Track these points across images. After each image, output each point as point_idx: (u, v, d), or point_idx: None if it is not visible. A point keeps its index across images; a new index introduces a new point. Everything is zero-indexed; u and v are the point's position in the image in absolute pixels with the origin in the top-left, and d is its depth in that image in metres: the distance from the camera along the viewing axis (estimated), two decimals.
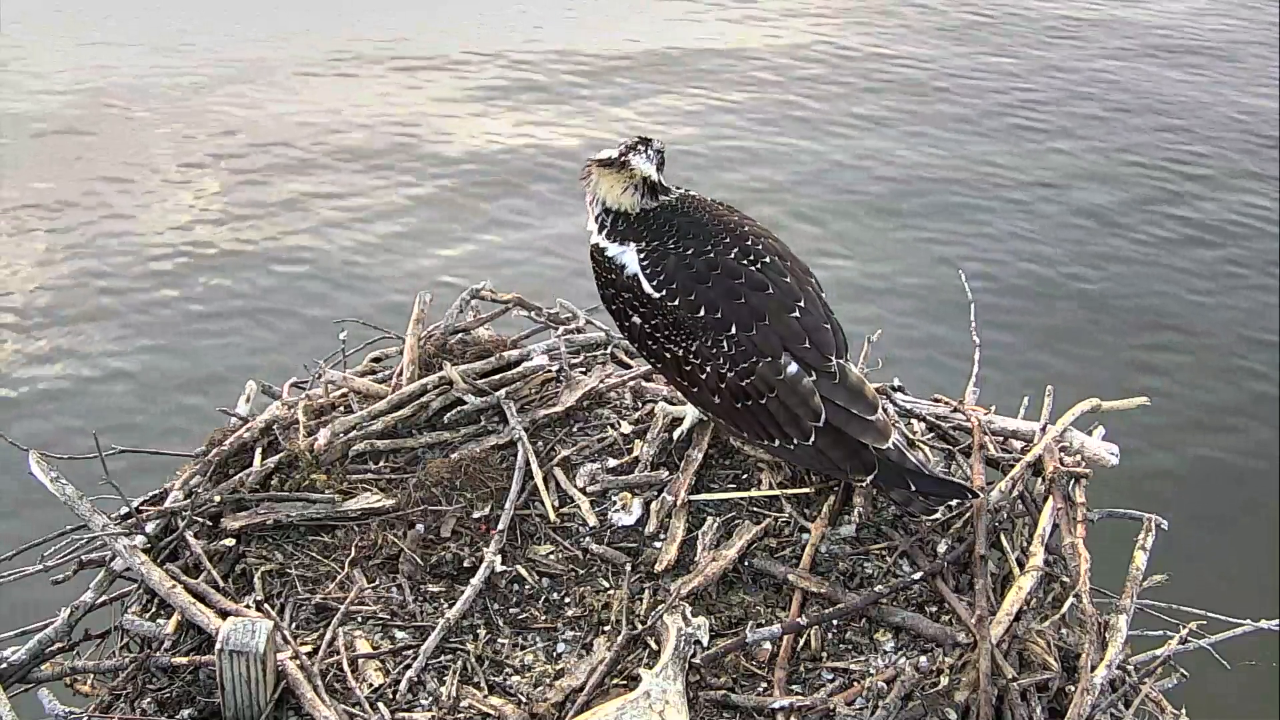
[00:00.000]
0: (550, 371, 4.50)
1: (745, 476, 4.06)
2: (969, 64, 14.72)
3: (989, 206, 10.99)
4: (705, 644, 3.44)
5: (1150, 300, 9.56)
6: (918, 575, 3.62)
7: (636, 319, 3.80)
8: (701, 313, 3.68)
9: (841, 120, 12.89)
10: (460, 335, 4.72)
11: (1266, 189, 11.38)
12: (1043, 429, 4.18)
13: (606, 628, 3.57)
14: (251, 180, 11.32)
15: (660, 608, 3.53)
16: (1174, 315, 9.36)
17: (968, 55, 15.07)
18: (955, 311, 6.43)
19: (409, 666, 3.40)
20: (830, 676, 3.42)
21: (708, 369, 3.70)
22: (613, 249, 3.83)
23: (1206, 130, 12.71)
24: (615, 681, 3.36)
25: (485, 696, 3.33)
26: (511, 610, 3.66)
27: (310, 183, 11.28)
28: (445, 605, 3.63)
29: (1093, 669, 3.33)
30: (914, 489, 3.70)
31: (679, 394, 3.99)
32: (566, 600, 3.69)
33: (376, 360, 4.79)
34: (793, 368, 3.66)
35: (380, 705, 3.29)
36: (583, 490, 4.01)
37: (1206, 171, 11.72)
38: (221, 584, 3.65)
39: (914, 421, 4.36)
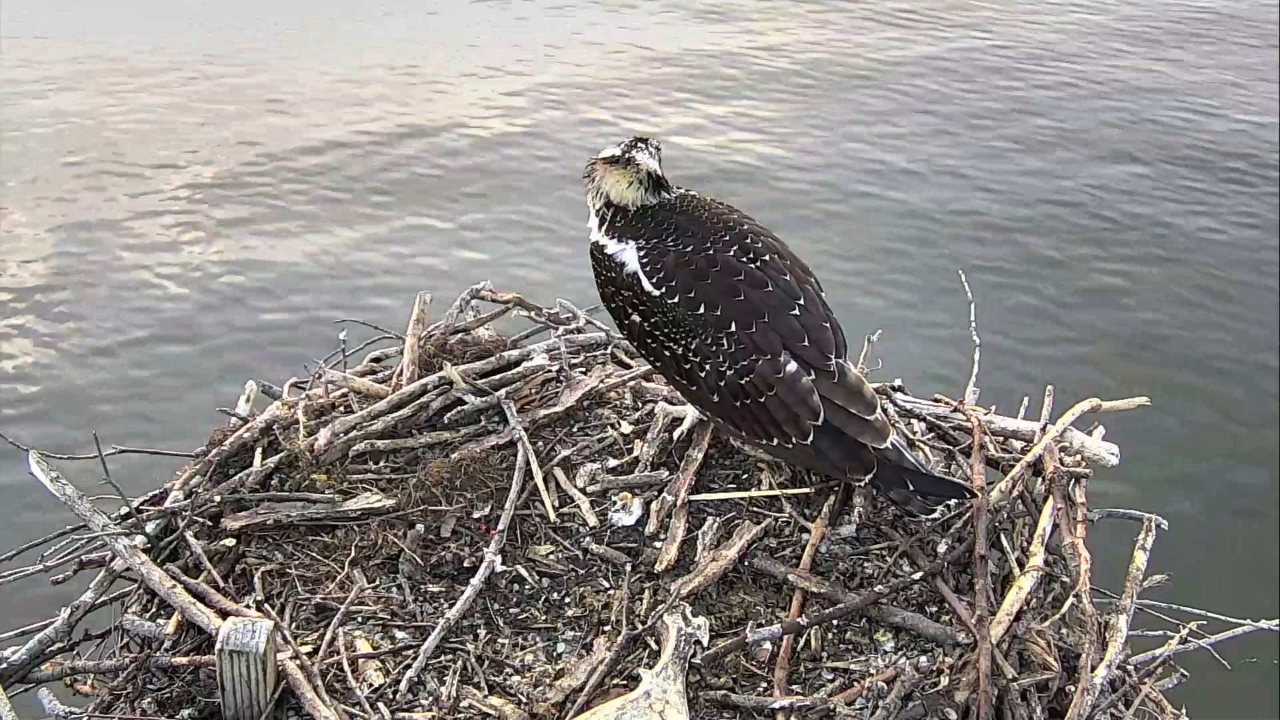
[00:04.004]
0: (550, 371, 4.49)
1: (745, 476, 4.05)
2: (971, 57, 14.72)
3: (991, 201, 11.00)
4: (705, 644, 3.43)
5: (1151, 299, 9.55)
6: (918, 575, 3.61)
7: (636, 316, 3.79)
8: (701, 310, 3.67)
9: (840, 116, 12.89)
10: (460, 335, 4.72)
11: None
12: (1043, 429, 4.18)
13: (606, 628, 3.56)
14: (252, 179, 11.31)
15: (660, 608, 3.53)
16: (1175, 315, 9.35)
17: (970, 46, 15.07)
18: (956, 310, 6.41)
19: (409, 666, 3.40)
20: (830, 676, 3.42)
21: (707, 367, 3.69)
22: (612, 246, 3.83)
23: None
24: (615, 681, 3.36)
25: (485, 696, 3.33)
26: (511, 610, 3.65)
27: (310, 182, 11.27)
28: (445, 605, 3.63)
29: (1093, 669, 3.32)
30: (913, 489, 3.70)
31: (678, 393, 3.99)
32: (566, 600, 3.68)
33: (376, 360, 4.79)
34: (792, 366, 3.66)
35: (380, 705, 3.29)
36: (583, 490, 4.00)
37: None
38: (221, 584, 3.65)
39: (914, 421, 4.36)
